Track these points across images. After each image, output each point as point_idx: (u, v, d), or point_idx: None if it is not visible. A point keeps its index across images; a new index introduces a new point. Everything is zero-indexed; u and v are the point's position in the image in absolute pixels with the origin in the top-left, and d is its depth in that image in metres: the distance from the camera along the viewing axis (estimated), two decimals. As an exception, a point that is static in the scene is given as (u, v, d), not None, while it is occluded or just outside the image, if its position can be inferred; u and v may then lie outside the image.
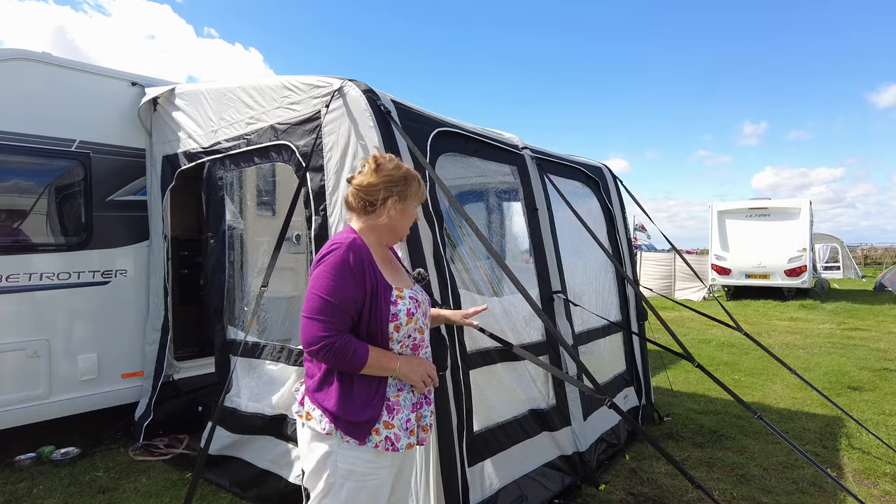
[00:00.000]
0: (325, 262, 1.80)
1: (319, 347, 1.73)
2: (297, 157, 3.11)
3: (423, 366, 1.93)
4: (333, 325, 1.74)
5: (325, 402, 1.81)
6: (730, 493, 3.51)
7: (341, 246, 1.82)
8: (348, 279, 1.77)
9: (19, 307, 3.92)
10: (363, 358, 1.76)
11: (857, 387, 6.07)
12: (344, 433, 1.77)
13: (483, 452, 2.92)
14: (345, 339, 1.75)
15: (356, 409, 1.79)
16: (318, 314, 1.74)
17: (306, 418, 1.85)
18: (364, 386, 1.82)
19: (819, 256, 19.77)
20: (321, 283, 1.77)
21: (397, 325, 1.87)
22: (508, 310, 3.32)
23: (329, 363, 1.79)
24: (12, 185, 4.05)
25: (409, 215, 2.01)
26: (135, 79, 4.54)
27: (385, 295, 1.85)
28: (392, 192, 1.93)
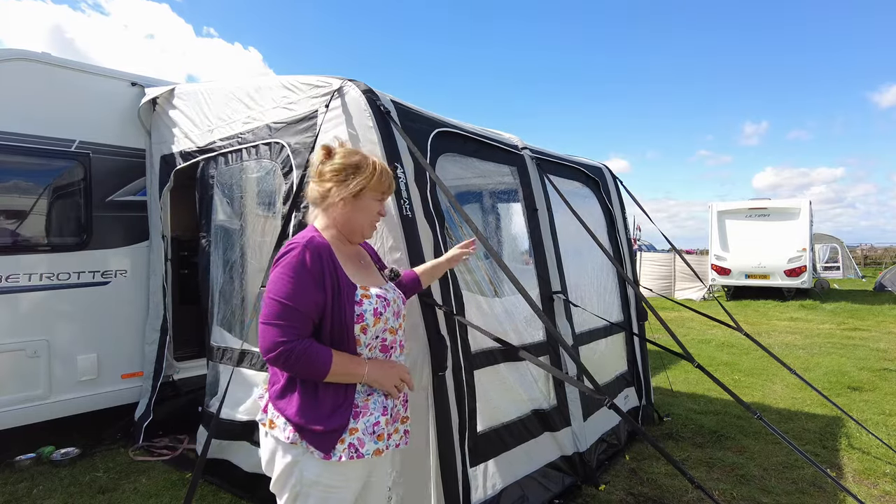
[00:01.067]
0: (282, 264, 1.69)
1: (277, 354, 1.61)
2: (286, 153, 3.10)
3: (394, 369, 1.81)
4: (292, 331, 1.62)
5: (287, 410, 1.69)
6: (730, 494, 3.51)
7: (297, 246, 1.70)
8: (306, 280, 1.66)
9: (19, 307, 3.92)
10: (326, 364, 1.64)
11: (857, 387, 6.07)
12: (308, 443, 1.67)
13: (487, 453, 2.92)
14: (305, 345, 1.63)
15: (322, 418, 1.67)
16: (276, 319, 1.62)
17: (269, 426, 1.75)
18: (330, 393, 1.70)
19: (819, 257, 19.77)
20: (277, 285, 1.65)
21: (363, 326, 1.75)
22: (509, 310, 3.32)
23: (290, 371, 1.68)
24: (12, 186, 4.05)
25: (363, 209, 1.83)
26: (135, 79, 4.54)
27: (349, 295, 1.73)
28: (341, 184, 1.79)
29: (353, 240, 1.88)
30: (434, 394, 2.56)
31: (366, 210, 1.84)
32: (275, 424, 1.73)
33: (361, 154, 1.87)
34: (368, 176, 1.81)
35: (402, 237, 2.61)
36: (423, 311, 2.58)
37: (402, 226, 2.62)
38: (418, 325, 2.57)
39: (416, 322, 2.57)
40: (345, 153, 1.83)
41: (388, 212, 2.64)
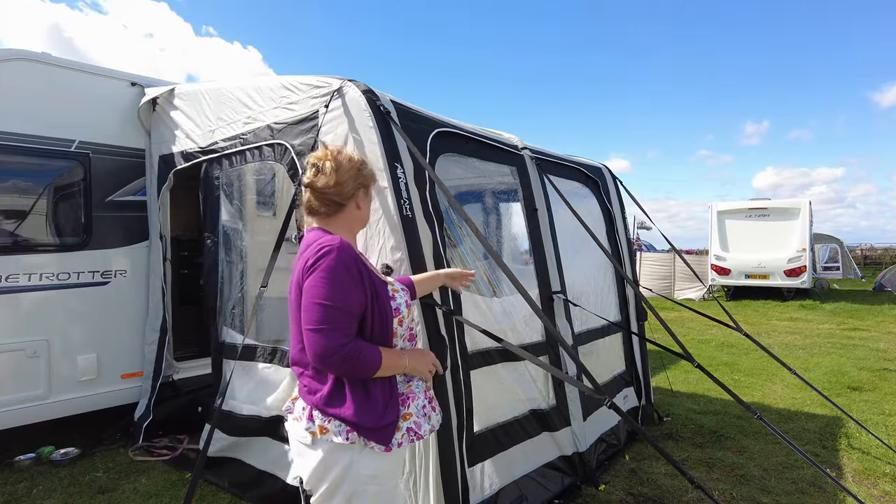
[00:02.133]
0: (321, 268, 1.69)
1: (338, 357, 1.63)
2: (291, 155, 3.10)
3: (426, 356, 1.93)
4: (345, 332, 1.66)
5: (343, 413, 1.71)
6: (729, 494, 3.51)
7: (333, 248, 1.71)
8: (349, 282, 1.70)
9: (19, 307, 3.92)
10: (377, 361, 1.71)
11: (857, 387, 6.08)
12: (367, 440, 1.71)
13: (483, 453, 2.92)
14: (359, 345, 1.68)
15: (378, 414, 1.73)
16: (327, 323, 1.64)
17: (321, 433, 1.73)
18: (379, 389, 1.76)
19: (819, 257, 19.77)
20: (322, 290, 1.66)
21: (401, 318, 1.85)
22: (508, 310, 3.32)
23: (345, 372, 1.71)
24: (12, 186, 4.05)
25: (370, 202, 2.01)
26: (134, 79, 4.54)
27: (384, 292, 1.81)
28: (359, 183, 1.90)
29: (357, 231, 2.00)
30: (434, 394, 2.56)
31: (369, 204, 1.99)
32: (327, 429, 1.72)
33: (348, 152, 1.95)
34: (371, 172, 1.95)
35: (402, 237, 2.61)
36: (422, 311, 2.58)
37: (402, 226, 2.62)
38: (418, 324, 2.57)
39: (415, 322, 2.57)
40: (349, 156, 1.90)
41: (389, 212, 2.65)
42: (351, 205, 1.88)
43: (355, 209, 1.91)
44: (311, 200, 1.86)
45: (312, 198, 1.86)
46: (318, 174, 1.83)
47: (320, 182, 1.83)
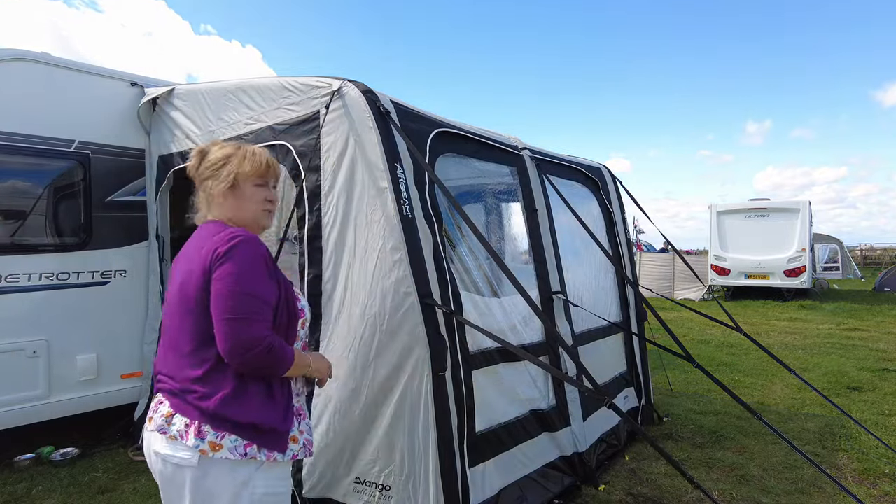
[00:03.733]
0: (237, 257, 1.56)
1: (260, 349, 1.51)
2: (293, 156, 3.11)
3: (326, 359, 1.84)
4: (266, 324, 1.55)
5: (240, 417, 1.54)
6: (729, 494, 3.51)
7: (244, 236, 1.60)
8: (265, 271, 1.60)
9: (18, 307, 3.91)
10: (291, 357, 1.61)
11: (857, 387, 6.08)
12: (269, 449, 1.57)
13: (485, 453, 2.92)
14: (277, 338, 1.58)
15: (280, 417, 1.62)
16: (250, 313, 1.51)
17: (213, 450, 1.52)
18: (281, 390, 1.66)
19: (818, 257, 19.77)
20: (243, 279, 1.53)
21: (303, 321, 1.76)
22: (508, 310, 3.32)
23: (261, 367, 1.56)
24: (12, 186, 4.04)
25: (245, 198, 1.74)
26: (134, 79, 4.54)
27: (291, 290, 1.72)
28: (217, 177, 1.74)
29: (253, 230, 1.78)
30: (434, 394, 2.56)
31: (249, 198, 1.74)
32: (220, 445, 1.53)
33: (235, 146, 1.79)
34: (238, 163, 1.73)
35: (402, 237, 2.61)
36: (423, 311, 2.58)
37: (401, 226, 2.62)
38: (418, 324, 2.57)
39: (416, 322, 2.58)
40: (218, 148, 1.78)
41: (389, 212, 2.64)
42: (214, 194, 1.78)
43: (220, 200, 1.77)
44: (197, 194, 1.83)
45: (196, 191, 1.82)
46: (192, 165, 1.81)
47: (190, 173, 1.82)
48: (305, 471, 2.89)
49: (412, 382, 2.60)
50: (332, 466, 2.83)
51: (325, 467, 2.84)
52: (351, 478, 2.78)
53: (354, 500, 2.76)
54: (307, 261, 2.99)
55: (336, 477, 2.82)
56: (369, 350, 2.70)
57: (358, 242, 2.77)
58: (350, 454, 2.78)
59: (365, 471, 2.73)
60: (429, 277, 2.67)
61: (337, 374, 1.96)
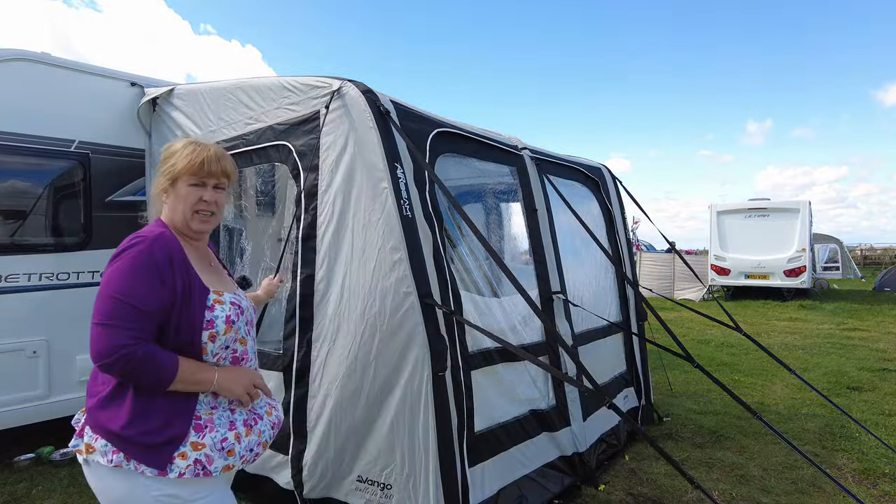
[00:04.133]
0: (124, 258, 1.50)
1: (117, 359, 1.41)
2: (293, 157, 3.11)
3: (246, 375, 1.67)
4: (135, 332, 1.44)
5: (109, 423, 1.47)
6: (729, 494, 3.51)
7: (146, 239, 1.54)
8: (153, 278, 1.50)
9: (19, 307, 3.91)
10: (172, 370, 1.48)
11: (857, 387, 6.08)
12: (138, 462, 1.46)
13: (484, 453, 2.92)
14: (149, 349, 1.46)
15: (154, 429, 1.48)
16: (115, 319, 1.43)
17: (87, 451, 1.49)
18: (168, 401, 1.52)
19: (818, 257, 19.78)
20: (119, 281, 1.47)
21: (213, 333, 1.60)
22: (508, 310, 3.32)
23: (128, 378, 1.48)
24: (12, 186, 4.04)
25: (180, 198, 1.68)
26: (134, 79, 4.54)
27: (200, 298, 1.59)
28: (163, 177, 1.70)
29: (186, 234, 1.71)
30: (434, 394, 2.56)
31: (182, 198, 1.67)
32: (93, 448, 1.49)
33: (184, 143, 1.74)
34: (175, 160, 1.68)
35: (401, 237, 2.61)
36: (423, 311, 2.58)
37: (401, 226, 2.62)
38: (418, 324, 2.57)
39: (416, 322, 2.58)
40: (167, 146, 1.74)
41: (389, 212, 2.64)
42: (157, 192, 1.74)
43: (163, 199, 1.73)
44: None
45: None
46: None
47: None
48: (306, 471, 2.89)
49: (412, 382, 2.60)
50: (333, 466, 2.83)
51: (326, 467, 2.84)
52: (353, 476, 2.78)
53: (356, 499, 2.76)
54: (300, 260, 2.99)
55: (337, 476, 2.82)
56: (369, 350, 2.70)
57: (356, 242, 2.77)
58: (352, 454, 2.78)
59: (367, 469, 2.73)
60: (429, 277, 2.67)
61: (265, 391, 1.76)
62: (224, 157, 1.76)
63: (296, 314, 2.98)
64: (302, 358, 2.93)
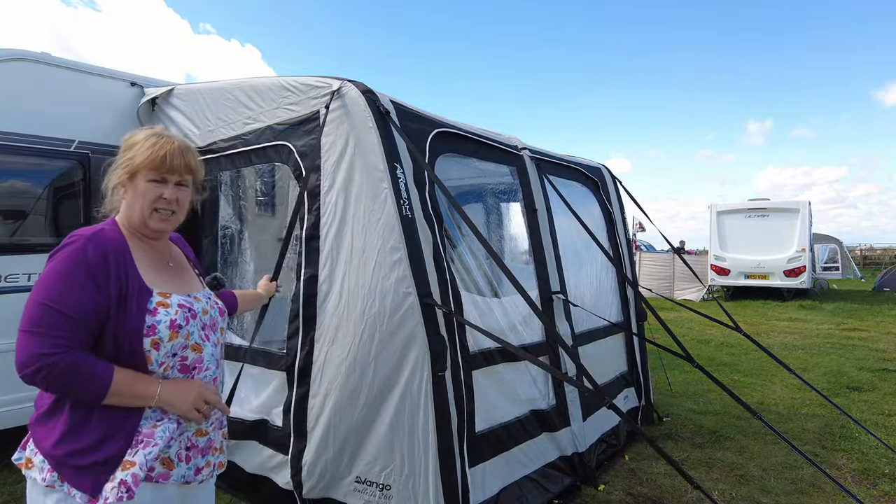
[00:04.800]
0: (56, 259, 1.39)
1: (35, 370, 1.29)
2: (294, 157, 3.11)
3: (194, 390, 1.50)
4: (60, 341, 1.31)
5: (45, 440, 1.37)
6: (729, 494, 3.51)
7: (80, 238, 1.41)
8: (83, 279, 1.36)
9: (19, 307, 3.89)
10: (104, 382, 1.34)
11: (857, 387, 6.08)
12: (70, 484, 1.34)
13: (485, 453, 2.92)
14: (75, 359, 1.32)
15: (88, 448, 1.36)
16: (38, 326, 1.32)
17: (26, 466, 1.41)
18: (106, 418, 1.39)
19: (818, 257, 19.78)
20: (46, 285, 1.36)
21: (155, 340, 1.44)
22: (508, 310, 3.32)
23: (54, 392, 1.36)
24: (12, 186, 4.04)
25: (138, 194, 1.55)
26: (134, 79, 4.54)
27: (139, 301, 1.44)
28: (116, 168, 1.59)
29: (143, 232, 1.58)
30: (434, 394, 2.56)
31: (141, 194, 1.54)
32: (32, 463, 1.40)
33: (146, 134, 1.59)
34: (135, 153, 1.55)
35: (401, 237, 2.61)
36: (422, 311, 2.58)
37: (401, 226, 2.62)
38: (418, 324, 2.57)
39: (415, 322, 2.58)
40: (128, 136, 1.60)
41: (389, 212, 2.64)
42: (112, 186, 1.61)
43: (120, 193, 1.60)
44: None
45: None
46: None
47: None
48: (305, 471, 2.89)
49: (412, 382, 2.60)
50: (332, 466, 2.82)
51: (325, 467, 2.84)
52: (352, 477, 2.78)
53: (355, 500, 2.76)
54: (304, 260, 2.99)
55: (336, 477, 2.82)
56: (369, 350, 2.70)
57: (356, 242, 2.77)
58: (351, 454, 2.78)
59: (366, 470, 2.73)
60: (428, 277, 2.67)
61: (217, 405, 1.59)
62: (188, 151, 1.61)
63: (299, 314, 2.98)
64: (304, 357, 2.94)
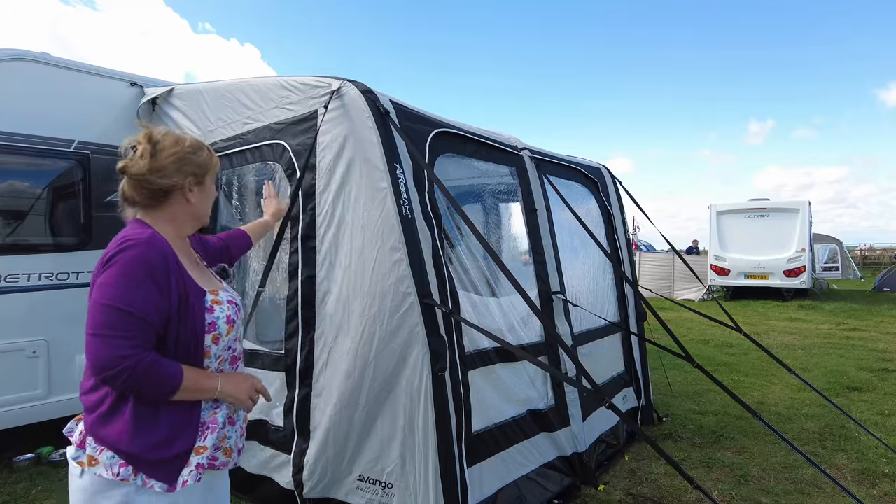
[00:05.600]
0: (117, 264, 1.42)
1: (119, 371, 1.35)
2: (289, 155, 3.11)
3: (247, 380, 1.64)
4: (135, 342, 1.38)
5: (114, 439, 1.43)
6: (729, 494, 3.51)
7: (138, 243, 1.45)
8: (149, 284, 1.42)
9: (18, 307, 3.91)
10: (177, 380, 1.43)
11: (856, 387, 6.08)
12: (147, 476, 1.42)
13: (482, 453, 2.92)
14: (152, 360, 1.40)
15: (162, 443, 1.44)
16: (111, 329, 1.36)
17: (89, 464, 1.47)
18: (172, 413, 1.47)
19: (818, 257, 19.78)
20: (114, 290, 1.39)
21: (216, 336, 1.55)
22: (506, 310, 3.32)
23: (131, 390, 1.42)
24: (11, 186, 4.04)
25: (209, 194, 1.69)
26: (134, 79, 4.54)
27: (198, 302, 1.52)
28: (186, 172, 1.59)
29: (190, 232, 1.70)
30: (434, 394, 2.56)
31: (210, 194, 1.70)
32: (97, 460, 1.46)
33: (189, 137, 1.67)
34: (207, 156, 1.67)
35: (401, 238, 2.61)
36: (422, 311, 2.58)
37: (401, 226, 2.62)
38: (418, 324, 2.57)
39: (415, 322, 2.58)
40: (175, 139, 1.62)
41: (388, 212, 2.65)
42: (176, 196, 1.59)
43: (182, 202, 1.61)
44: (126, 188, 1.58)
45: (127, 186, 1.58)
46: (132, 158, 1.56)
47: (133, 168, 1.55)
48: (307, 471, 2.89)
49: (412, 382, 2.60)
50: (333, 465, 2.83)
51: (325, 467, 2.84)
52: (354, 476, 2.78)
53: (357, 499, 2.76)
54: (300, 261, 2.99)
55: (338, 476, 2.82)
56: (369, 350, 2.70)
57: (355, 243, 2.77)
58: (352, 452, 2.78)
59: (368, 468, 2.74)
60: (428, 277, 2.67)
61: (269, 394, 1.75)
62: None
63: (298, 314, 2.98)
64: (305, 357, 2.94)
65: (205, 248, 1.97)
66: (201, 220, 1.70)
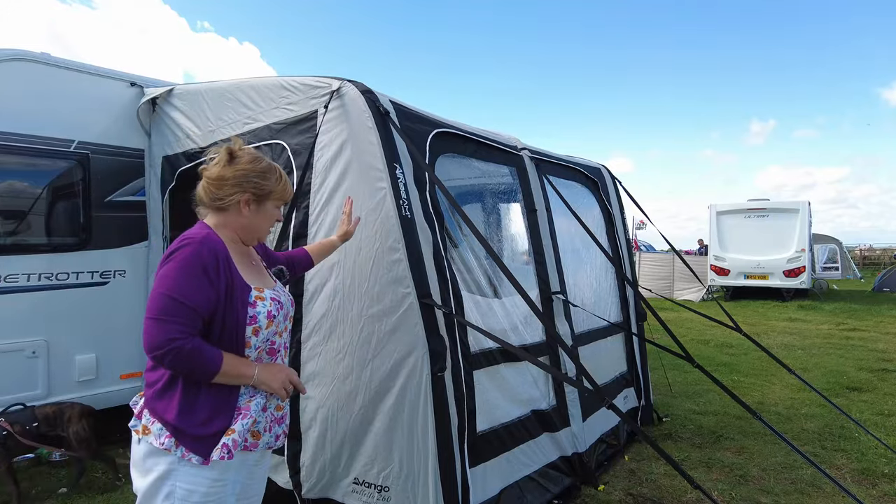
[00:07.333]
0: (175, 259, 1.62)
1: (167, 351, 1.54)
2: (287, 155, 3.11)
3: (283, 372, 1.80)
4: (184, 327, 1.57)
5: (165, 413, 1.64)
6: (729, 494, 3.51)
7: (193, 242, 1.65)
8: (200, 277, 1.62)
9: (18, 307, 3.91)
10: (216, 365, 1.61)
11: (856, 387, 6.08)
12: (186, 449, 1.62)
13: (486, 453, 2.91)
14: (196, 343, 1.58)
15: (201, 422, 1.64)
16: (167, 315, 1.56)
17: (143, 433, 1.66)
18: (212, 396, 1.67)
19: (818, 257, 19.77)
20: (170, 281, 1.59)
21: (256, 328, 1.74)
22: (509, 311, 3.32)
23: (177, 370, 1.62)
24: (11, 186, 4.04)
25: (266, 216, 1.86)
26: (133, 79, 4.54)
27: (242, 296, 1.72)
28: (245, 189, 1.78)
29: (249, 243, 1.89)
30: (433, 394, 2.56)
31: (268, 216, 1.87)
32: (149, 430, 1.65)
33: (266, 160, 1.86)
34: (275, 183, 1.84)
35: (401, 238, 2.61)
36: (422, 312, 2.57)
37: (401, 226, 2.62)
38: (417, 324, 2.57)
39: (414, 322, 2.57)
40: (251, 158, 1.81)
41: (387, 212, 2.64)
42: (233, 207, 1.78)
43: (237, 214, 1.79)
44: (198, 188, 1.81)
45: (200, 187, 1.80)
46: (211, 164, 1.80)
47: (208, 171, 1.79)
48: (304, 471, 2.89)
49: (411, 383, 2.59)
50: (330, 467, 2.82)
51: (323, 468, 2.84)
52: (350, 478, 2.78)
53: (354, 501, 2.76)
54: None
55: (335, 477, 2.82)
56: (367, 350, 2.70)
57: (352, 242, 2.77)
58: (348, 455, 2.77)
59: (363, 472, 2.73)
60: (428, 278, 2.67)
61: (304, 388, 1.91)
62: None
63: (286, 315, 2.97)
64: (292, 360, 2.92)
65: (268, 256, 2.14)
66: (255, 235, 1.87)
